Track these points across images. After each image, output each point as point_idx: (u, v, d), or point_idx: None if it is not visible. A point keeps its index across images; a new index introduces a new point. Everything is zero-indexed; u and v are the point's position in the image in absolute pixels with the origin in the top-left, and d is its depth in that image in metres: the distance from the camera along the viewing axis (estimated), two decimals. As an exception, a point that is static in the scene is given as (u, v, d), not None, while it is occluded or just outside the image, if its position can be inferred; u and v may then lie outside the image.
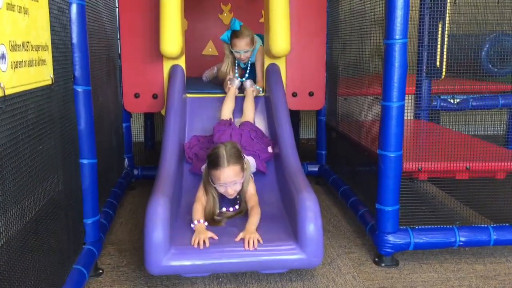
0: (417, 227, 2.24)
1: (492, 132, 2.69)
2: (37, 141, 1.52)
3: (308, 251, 2.04)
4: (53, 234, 1.68)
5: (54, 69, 1.68)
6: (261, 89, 3.15)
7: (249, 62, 3.25)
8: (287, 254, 2.05)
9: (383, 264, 2.24)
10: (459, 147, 2.27)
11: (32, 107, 1.46)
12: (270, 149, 2.72)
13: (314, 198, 2.12)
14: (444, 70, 3.23)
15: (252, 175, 2.48)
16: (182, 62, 3.12)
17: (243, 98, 3.06)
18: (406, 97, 2.23)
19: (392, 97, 2.14)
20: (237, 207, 2.36)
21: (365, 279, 2.13)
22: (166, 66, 3.11)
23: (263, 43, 3.25)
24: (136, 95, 3.15)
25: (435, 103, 3.41)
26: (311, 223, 2.05)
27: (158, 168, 2.43)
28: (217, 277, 2.13)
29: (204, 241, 1.99)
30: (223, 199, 2.34)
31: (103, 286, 2.05)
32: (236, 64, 3.28)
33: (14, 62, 1.31)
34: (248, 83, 3.10)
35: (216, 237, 2.06)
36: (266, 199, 2.55)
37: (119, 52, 3.10)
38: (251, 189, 2.34)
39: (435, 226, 2.24)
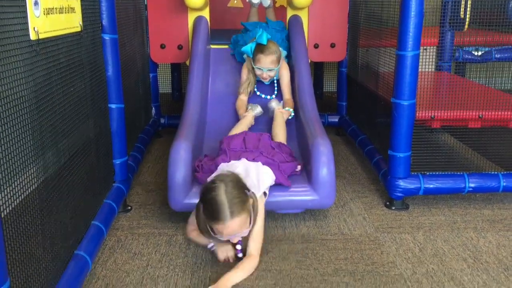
0: (428, 173, 2.33)
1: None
2: (69, 84, 1.66)
3: (321, 193, 2.17)
4: (86, 173, 1.85)
5: (83, 17, 1.80)
6: (292, 110, 2.71)
7: (273, 78, 2.87)
8: (302, 195, 2.19)
9: (393, 208, 2.36)
10: (473, 96, 2.32)
11: (63, 51, 1.59)
12: (298, 167, 2.25)
13: (328, 144, 2.23)
14: (467, 21, 3.21)
15: (267, 192, 2.05)
16: (206, 14, 3.20)
17: (265, 121, 2.69)
18: (428, 48, 2.28)
19: (407, 46, 2.18)
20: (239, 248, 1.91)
21: (375, 220, 2.25)
22: (191, 17, 3.20)
23: (286, 55, 2.99)
24: (162, 46, 3.26)
25: (458, 54, 3.41)
26: (324, 167, 2.17)
27: (182, 115, 2.58)
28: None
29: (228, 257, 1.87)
30: None
31: (132, 220, 2.24)
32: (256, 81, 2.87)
33: (46, 9, 1.43)
34: (274, 103, 2.67)
35: (240, 255, 1.89)
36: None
37: (146, 3, 3.20)
38: (257, 226, 1.87)
39: (446, 173, 2.33)
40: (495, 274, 1.82)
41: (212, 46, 3.19)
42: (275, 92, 2.91)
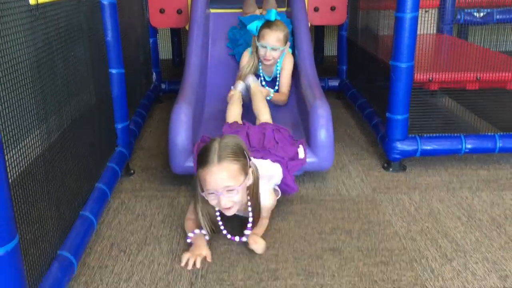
0: (425, 135, 2.37)
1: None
2: (69, 49, 1.68)
3: (319, 155, 2.21)
4: (89, 137, 1.89)
5: (80, -18, 1.81)
6: (271, 91, 2.64)
7: (277, 73, 2.71)
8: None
9: (391, 169, 2.40)
10: (471, 58, 2.33)
11: (62, 16, 1.61)
12: (301, 153, 2.08)
13: (327, 106, 2.26)
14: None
15: (278, 188, 1.96)
16: (205, -23, 3.17)
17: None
18: (430, 10, 2.27)
19: (406, 8, 2.18)
20: (246, 233, 1.76)
21: (373, 181, 2.30)
22: (190, -19, 3.17)
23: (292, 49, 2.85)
24: (161, 11, 3.24)
25: (459, 16, 3.39)
26: (323, 129, 2.21)
27: (182, 80, 2.60)
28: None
29: (195, 262, 1.65)
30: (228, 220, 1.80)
31: (134, 183, 2.29)
32: (261, 76, 2.73)
33: (43, -27, 1.44)
34: (250, 78, 2.57)
35: (210, 259, 1.68)
36: (284, 109, 2.70)
37: (144, -33, 3.17)
38: (268, 203, 1.79)
39: (443, 134, 2.36)
40: (487, 231, 1.87)
41: (212, 11, 3.18)
42: (276, 88, 2.74)
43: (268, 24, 2.56)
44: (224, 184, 1.61)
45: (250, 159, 1.73)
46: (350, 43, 3.46)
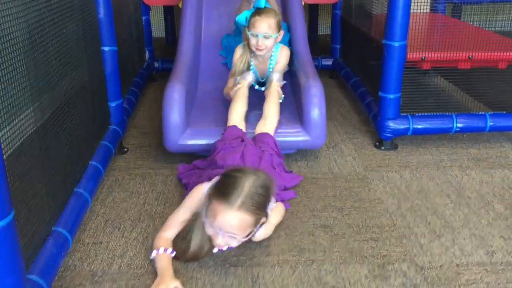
0: (417, 114, 2.39)
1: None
2: (61, 26, 1.67)
3: (312, 134, 2.23)
4: (82, 115, 1.89)
5: (72, -42, 1.79)
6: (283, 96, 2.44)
7: (270, 71, 2.50)
8: (293, 136, 2.25)
9: (382, 148, 2.43)
10: (464, 37, 2.34)
11: (54, -8, 1.59)
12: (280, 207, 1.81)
13: (320, 85, 2.27)
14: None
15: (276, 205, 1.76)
16: (198, -47, 3.13)
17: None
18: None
19: (399, -14, 2.17)
20: None
21: (364, 160, 2.32)
22: (182, -43, 3.13)
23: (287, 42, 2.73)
24: (154, -12, 3.21)
25: (453, -5, 3.38)
26: (316, 108, 2.22)
27: (175, 58, 2.59)
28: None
29: None
30: None
31: (128, 162, 2.31)
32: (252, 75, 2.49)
33: (34, -51, 1.42)
34: (277, 75, 2.41)
35: None
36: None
37: None
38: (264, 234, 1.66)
39: (434, 113, 2.38)
40: (476, 208, 1.91)
41: (205, -12, 3.15)
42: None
43: (258, 11, 2.38)
44: (230, 231, 1.49)
45: (268, 210, 1.59)
46: (344, 22, 3.45)
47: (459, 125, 2.35)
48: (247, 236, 1.53)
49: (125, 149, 2.41)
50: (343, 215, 1.87)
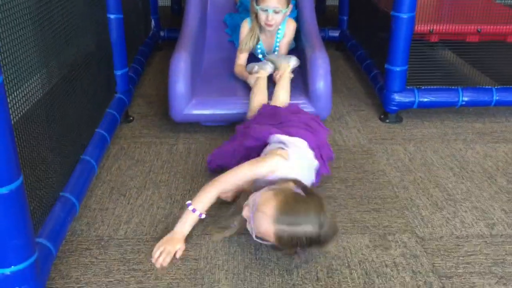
0: (423, 87, 2.38)
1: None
2: (67, -7, 1.66)
3: (317, 105, 2.23)
4: (88, 83, 1.90)
5: None
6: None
7: (276, 45, 2.49)
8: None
9: (387, 120, 2.43)
10: (473, 10, 2.31)
11: (59, -42, 1.58)
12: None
13: (326, 57, 2.26)
14: None
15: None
16: None
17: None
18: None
19: (409, -44, 2.14)
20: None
21: (369, 132, 2.33)
22: None
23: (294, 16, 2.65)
24: (160, -45, 3.17)
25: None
26: (321, 80, 2.22)
27: (181, 27, 2.57)
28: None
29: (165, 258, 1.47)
30: None
31: (133, 130, 2.32)
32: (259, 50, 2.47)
33: None
34: (293, 61, 2.36)
35: (178, 256, 1.50)
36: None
37: None
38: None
39: (440, 87, 2.37)
40: (478, 182, 1.92)
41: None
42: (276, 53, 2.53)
43: None
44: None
45: None
46: (352, -8, 3.40)
47: (465, 99, 2.34)
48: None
49: (131, 118, 2.42)
50: (347, 186, 1.89)
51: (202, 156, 2.08)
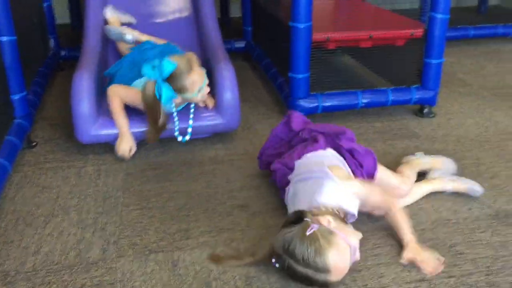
0: (326, 92, 2.50)
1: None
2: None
3: (226, 117, 2.27)
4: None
5: None
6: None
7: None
8: (208, 120, 2.27)
9: (295, 126, 2.52)
10: (365, 18, 2.46)
11: None
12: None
13: (231, 68, 2.30)
14: None
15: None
16: None
17: None
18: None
19: (302, -31, 2.24)
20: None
21: (278, 139, 2.40)
22: None
23: None
24: (54, -28, 3.06)
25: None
26: (228, 91, 2.26)
27: (82, 45, 2.50)
28: (144, 144, 2.31)
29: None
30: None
31: (38, 156, 2.21)
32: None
33: None
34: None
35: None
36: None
37: None
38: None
39: (341, 91, 2.50)
40: (381, 178, 2.05)
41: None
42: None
43: (182, 65, 2.05)
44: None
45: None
46: (254, 4, 3.49)
47: (364, 100, 2.49)
48: None
49: (34, 143, 2.31)
50: (260, 194, 1.93)
51: (113, 176, 2.04)
